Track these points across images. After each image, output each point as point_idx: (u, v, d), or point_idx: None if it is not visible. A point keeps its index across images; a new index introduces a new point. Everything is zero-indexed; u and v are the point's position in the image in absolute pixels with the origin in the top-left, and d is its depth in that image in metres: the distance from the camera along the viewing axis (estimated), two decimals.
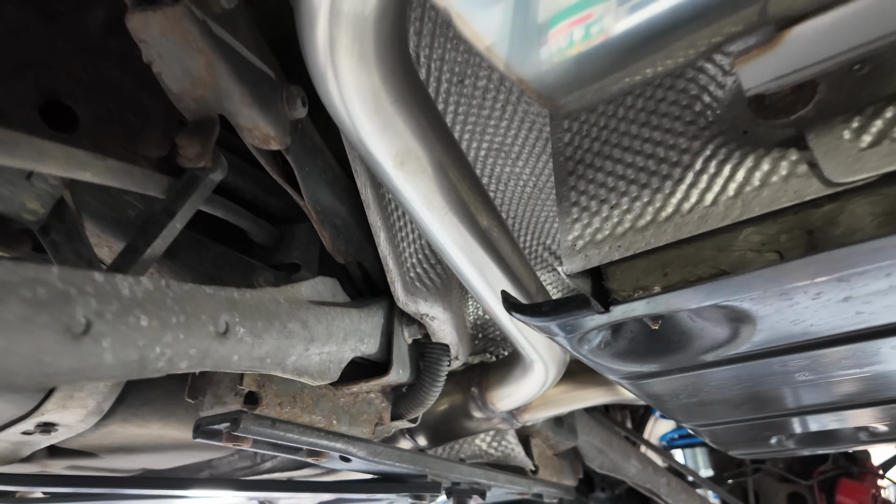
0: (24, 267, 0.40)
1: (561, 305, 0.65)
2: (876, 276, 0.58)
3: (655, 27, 0.42)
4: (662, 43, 0.43)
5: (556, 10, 0.38)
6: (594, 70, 0.44)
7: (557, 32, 0.39)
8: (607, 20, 0.39)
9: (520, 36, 0.38)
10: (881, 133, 0.56)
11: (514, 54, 0.38)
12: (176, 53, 0.56)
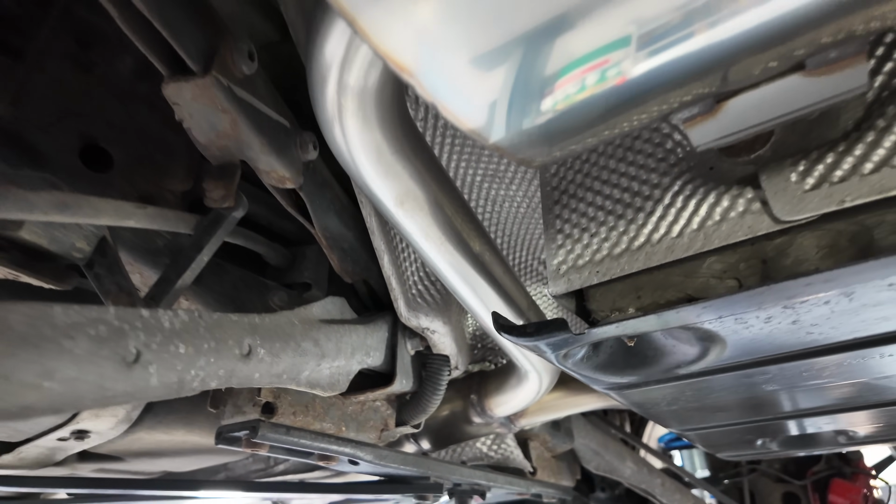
0: (88, 309, 0.48)
1: (543, 327, 0.73)
2: (815, 303, 0.65)
3: (626, 95, 0.49)
4: (637, 103, 0.50)
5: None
6: (571, 130, 0.51)
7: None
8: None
9: (505, 114, 0.45)
10: (822, 177, 0.63)
11: (496, 133, 0.46)
12: (204, 113, 0.64)
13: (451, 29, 0.37)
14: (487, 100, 0.43)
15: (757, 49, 0.43)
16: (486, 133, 0.47)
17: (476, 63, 0.39)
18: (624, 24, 0.39)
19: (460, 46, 0.38)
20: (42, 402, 0.43)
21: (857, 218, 0.64)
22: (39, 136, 0.78)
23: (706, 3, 0.39)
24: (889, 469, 2.59)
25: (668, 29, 0.41)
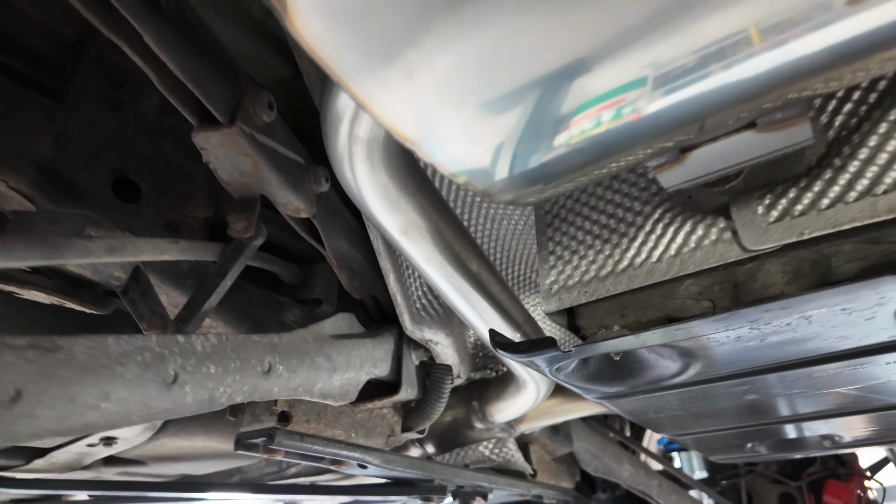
0: (135, 339, 0.55)
1: (534, 345, 0.79)
2: (778, 325, 0.71)
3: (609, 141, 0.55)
4: (613, 151, 0.56)
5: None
6: (542, 181, 0.58)
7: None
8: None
9: (490, 172, 0.52)
10: (784, 211, 0.70)
11: (484, 185, 0.53)
12: (229, 157, 0.71)
13: (445, 110, 0.44)
14: (476, 164, 0.50)
15: (713, 112, 0.50)
16: (477, 185, 0.54)
17: (466, 137, 0.46)
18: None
19: (453, 124, 0.45)
20: (100, 420, 0.51)
21: (817, 247, 0.70)
22: (77, 172, 0.85)
23: (664, 80, 0.46)
24: (884, 470, 2.63)
25: (636, 98, 0.48)
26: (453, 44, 0.39)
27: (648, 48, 0.40)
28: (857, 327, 0.71)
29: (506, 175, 0.53)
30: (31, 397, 0.45)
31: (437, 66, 0.40)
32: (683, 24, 0.39)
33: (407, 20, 0.37)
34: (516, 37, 0.38)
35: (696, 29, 0.39)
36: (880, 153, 0.66)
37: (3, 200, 0.81)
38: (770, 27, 0.41)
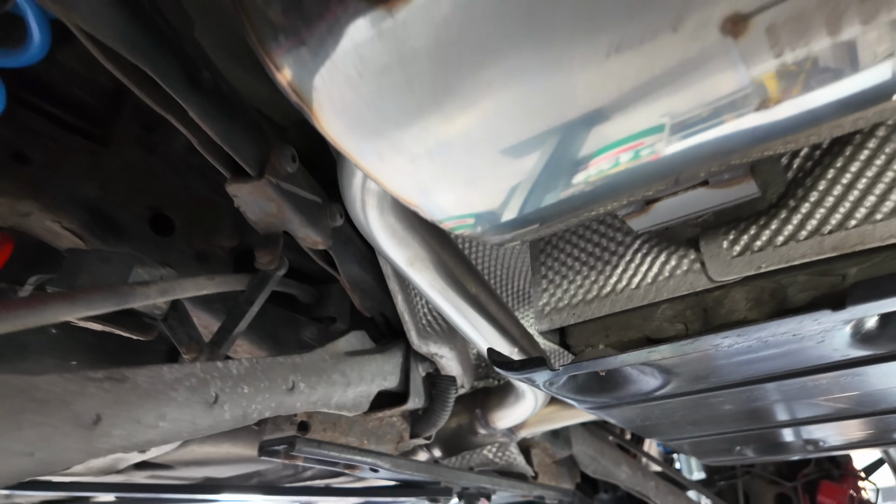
0: (183, 367, 0.65)
1: (526, 364, 0.89)
2: (739, 348, 0.80)
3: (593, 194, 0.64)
4: (579, 212, 0.65)
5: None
6: (523, 226, 0.67)
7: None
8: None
9: (479, 227, 0.61)
10: (745, 246, 0.79)
11: (474, 234, 0.62)
12: (257, 203, 0.81)
13: (439, 184, 0.53)
14: (469, 222, 0.59)
15: (673, 173, 0.59)
16: (470, 235, 0.63)
17: (459, 205, 0.55)
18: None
19: (449, 194, 0.54)
20: (158, 437, 0.60)
21: (775, 277, 0.79)
22: (119, 211, 0.96)
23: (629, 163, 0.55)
24: (879, 471, 2.70)
25: (606, 168, 0.57)
26: (440, 136, 0.48)
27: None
28: (811, 349, 0.80)
29: (486, 229, 0.62)
30: (108, 420, 0.54)
31: (430, 153, 0.49)
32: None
33: (405, 124, 0.46)
34: (492, 132, 0.47)
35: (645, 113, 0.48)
36: (827, 197, 0.74)
37: (57, 238, 0.91)
38: (710, 112, 0.50)
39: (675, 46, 0.38)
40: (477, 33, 0.39)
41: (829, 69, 0.39)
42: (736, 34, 0.37)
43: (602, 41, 0.38)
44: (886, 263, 0.71)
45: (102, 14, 0.52)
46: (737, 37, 0.37)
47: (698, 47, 0.38)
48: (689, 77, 0.40)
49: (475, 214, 0.57)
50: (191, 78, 0.63)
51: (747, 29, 0.36)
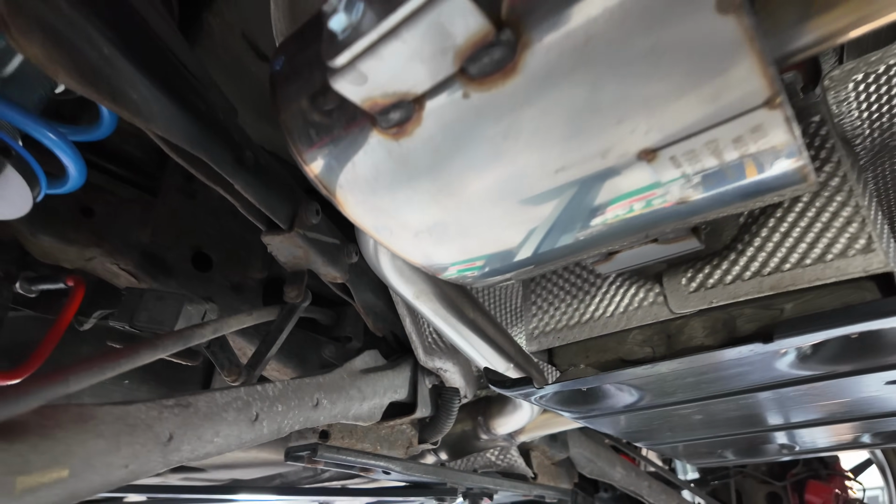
0: (231, 391, 0.79)
1: (517, 383, 1.02)
2: (692, 371, 0.92)
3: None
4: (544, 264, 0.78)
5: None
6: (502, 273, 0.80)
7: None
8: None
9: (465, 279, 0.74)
10: (700, 283, 0.91)
11: (472, 282, 0.76)
12: (287, 249, 0.95)
13: (438, 251, 0.66)
14: (458, 277, 0.72)
15: (622, 239, 0.71)
16: (462, 283, 0.76)
17: (450, 266, 0.68)
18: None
19: (443, 258, 0.67)
20: (214, 450, 0.74)
21: (726, 310, 0.91)
22: (166, 252, 1.10)
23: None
24: (867, 472, 2.79)
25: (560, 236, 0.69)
26: (436, 219, 0.61)
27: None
28: (758, 372, 0.92)
29: (472, 280, 0.75)
30: (178, 438, 0.68)
31: (429, 231, 0.63)
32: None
33: (409, 212, 0.60)
34: (476, 219, 0.60)
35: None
36: (767, 243, 0.87)
37: (115, 278, 1.05)
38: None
39: (604, 167, 0.51)
40: (459, 159, 0.52)
41: (722, 177, 0.52)
42: (649, 160, 0.49)
43: (551, 164, 0.51)
44: (814, 302, 0.83)
45: (173, 121, 0.66)
46: (650, 162, 0.50)
47: (623, 168, 0.51)
48: (616, 184, 0.53)
49: (463, 272, 0.70)
50: (237, 159, 0.77)
51: (656, 157, 0.49)
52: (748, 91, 0.42)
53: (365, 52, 0.45)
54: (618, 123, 0.46)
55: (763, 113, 0.44)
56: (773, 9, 0.48)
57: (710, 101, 0.43)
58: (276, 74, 0.62)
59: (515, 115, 0.48)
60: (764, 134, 0.46)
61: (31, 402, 0.46)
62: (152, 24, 0.64)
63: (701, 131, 0.46)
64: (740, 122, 0.45)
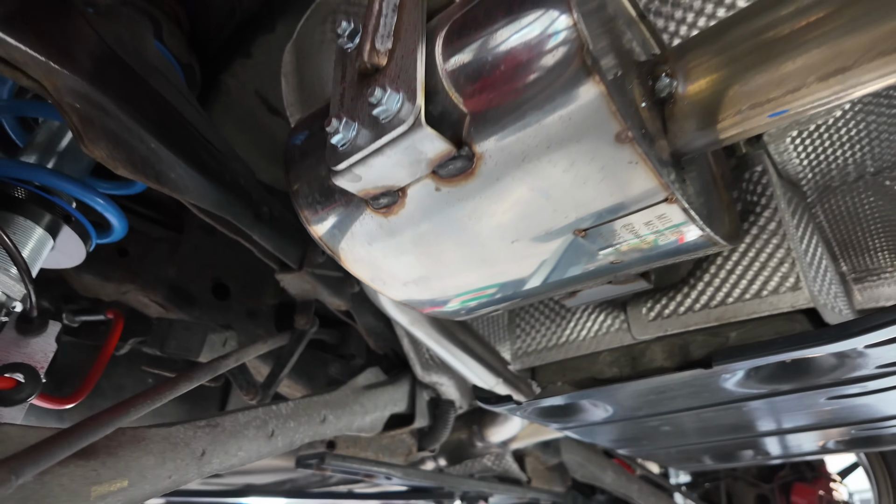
0: (251, 412, 0.93)
1: (500, 399, 1.15)
2: (649, 390, 1.05)
3: None
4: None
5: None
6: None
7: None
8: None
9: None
10: (658, 313, 1.04)
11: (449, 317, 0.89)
12: (298, 284, 1.09)
13: (423, 295, 0.80)
14: (443, 313, 0.86)
15: (575, 285, 0.84)
16: (440, 317, 0.90)
17: (434, 306, 0.82)
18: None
19: (427, 300, 0.81)
20: (237, 462, 0.88)
21: (681, 336, 1.04)
22: (190, 284, 1.24)
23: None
24: (853, 474, 2.89)
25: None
26: (419, 273, 0.75)
27: None
28: (711, 390, 1.05)
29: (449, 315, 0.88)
30: (209, 453, 0.82)
31: (415, 282, 0.76)
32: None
33: (398, 267, 0.73)
34: (452, 277, 0.74)
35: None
36: (715, 279, 0.99)
37: (146, 308, 1.20)
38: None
39: (548, 240, 0.64)
40: (435, 232, 0.66)
41: (642, 247, 0.65)
42: (582, 236, 0.63)
43: (507, 237, 0.65)
44: (754, 331, 0.95)
45: (203, 192, 0.80)
46: (583, 237, 0.63)
47: (563, 240, 0.64)
48: (559, 251, 0.66)
49: (440, 312, 0.84)
50: (255, 215, 0.91)
51: (587, 235, 0.62)
52: (648, 192, 0.55)
53: (359, 162, 0.58)
54: (553, 212, 0.60)
55: (664, 206, 0.57)
56: (679, 124, 0.61)
57: (621, 199, 0.57)
58: (289, 152, 0.76)
59: (476, 203, 0.61)
60: (669, 220, 0.59)
61: (106, 430, 0.60)
62: (187, 116, 0.78)
63: (618, 218, 0.59)
64: (648, 212, 0.58)
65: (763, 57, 0.53)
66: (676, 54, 0.60)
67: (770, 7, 0.53)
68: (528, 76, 0.52)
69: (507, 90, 0.54)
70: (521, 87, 0.53)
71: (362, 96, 0.59)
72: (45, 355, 0.76)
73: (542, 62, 0.51)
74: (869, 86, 0.50)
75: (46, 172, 0.78)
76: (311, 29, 0.93)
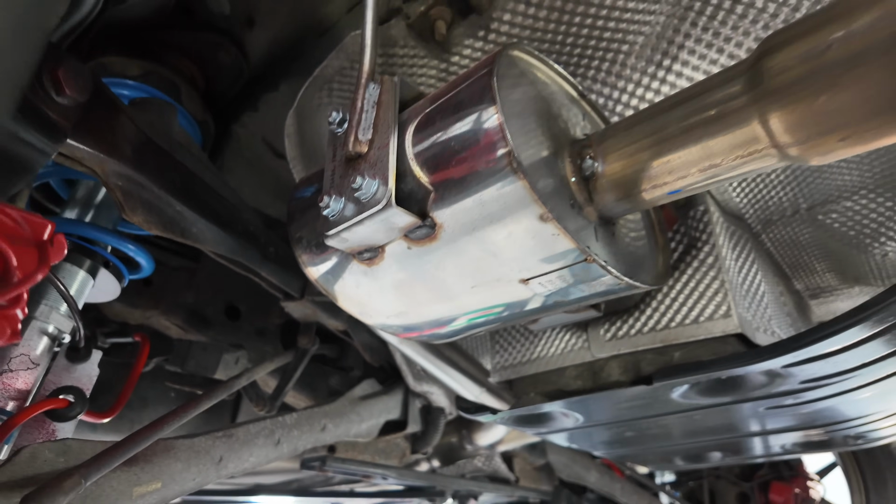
0: (261, 423, 1.08)
1: (479, 409, 1.29)
2: (609, 403, 1.19)
3: None
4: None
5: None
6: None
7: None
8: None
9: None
10: (613, 335, 1.18)
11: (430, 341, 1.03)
12: (300, 310, 1.23)
13: (400, 325, 0.94)
14: (420, 337, 1.00)
15: (532, 316, 0.99)
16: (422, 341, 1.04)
17: (417, 335, 0.96)
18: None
19: (405, 329, 0.95)
20: (249, 468, 1.03)
21: (634, 354, 1.18)
22: (206, 308, 1.39)
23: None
24: (831, 474, 3.02)
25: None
26: (398, 309, 0.89)
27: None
28: (660, 403, 1.19)
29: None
30: (226, 459, 0.97)
31: (397, 315, 0.90)
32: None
33: (381, 304, 0.88)
34: (427, 313, 0.88)
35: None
36: (661, 305, 1.13)
37: (167, 330, 1.35)
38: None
39: (499, 286, 0.78)
40: (409, 278, 0.80)
41: (578, 291, 0.79)
42: (525, 283, 0.77)
43: (468, 283, 0.79)
44: (694, 352, 1.09)
45: (219, 241, 0.95)
46: (526, 284, 0.77)
47: (511, 286, 0.78)
48: (510, 293, 0.81)
49: (417, 338, 0.98)
50: (263, 255, 1.06)
51: (529, 283, 0.76)
52: (571, 255, 0.69)
53: (345, 229, 0.73)
54: (501, 266, 0.74)
55: (585, 263, 0.71)
56: (601, 195, 0.75)
57: (551, 259, 0.71)
58: (292, 205, 0.91)
59: (440, 258, 0.76)
60: (591, 273, 0.73)
61: (148, 442, 0.75)
62: (205, 179, 0.92)
63: (551, 272, 0.73)
64: (574, 267, 0.72)
65: (658, 151, 0.67)
66: (598, 140, 0.74)
67: (664, 111, 0.68)
68: (473, 165, 0.66)
69: (458, 174, 0.68)
70: (468, 173, 0.67)
71: (348, 177, 0.73)
72: (90, 379, 0.91)
73: (481, 156, 0.66)
74: (736, 177, 0.65)
75: (89, 227, 0.93)
76: (310, 96, 1.08)
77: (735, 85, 0.59)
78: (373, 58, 0.78)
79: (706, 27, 0.89)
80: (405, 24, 0.95)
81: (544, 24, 0.92)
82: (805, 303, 1.68)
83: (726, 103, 0.60)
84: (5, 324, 0.48)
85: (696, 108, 0.63)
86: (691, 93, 0.65)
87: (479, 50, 0.99)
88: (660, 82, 0.96)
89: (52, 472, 0.68)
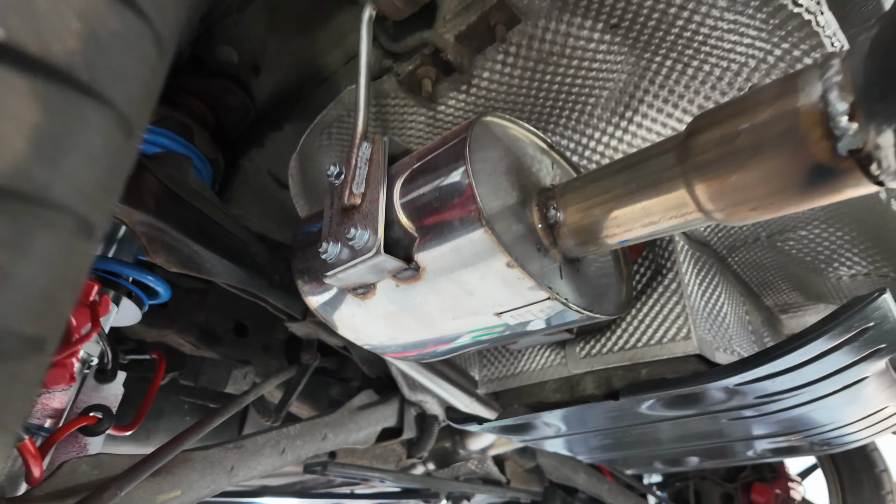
0: (269, 434, 1.18)
1: (467, 419, 1.39)
2: (583, 415, 1.29)
3: None
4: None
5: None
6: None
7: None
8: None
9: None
10: (587, 353, 1.28)
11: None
12: (303, 329, 1.34)
13: (390, 348, 1.04)
14: (409, 358, 1.10)
15: (510, 339, 1.09)
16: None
17: (409, 355, 1.06)
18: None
19: (395, 351, 1.05)
20: (257, 475, 1.13)
21: (605, 370, 1.28)
22: (216, 326, 1.49)
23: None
24: (813, 475, 3.11)
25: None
26: (390, 335, 0.99)
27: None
28: (630, 415, 1.29)
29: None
30: (237, 467, 1.07)
31: (390, 340, 1.01)
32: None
33: (375, 330, 0.98)
34: (417, 338, 0.98)
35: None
36: (630, 326, 1.23)
37: (181, 347, 1.45)
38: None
39: (477, 317, 0.89)
40: (398, 311, 0.90)
41: (547, 323, 0.89)
42: (499, 316, 0.87)
43: (449, 314, 0.89)
44: (659, 370, 1.19)
45: (230, 274, 1.05)
46: (499, 316, 0.87)
47: (487, 318, 0.88)
48: (486, 324, 0.91)
49: (406, 358, 1.08)
50: (269, 283, 1.16)
51: (502, 316, 0.87)
52: (536, 295, 0.79)
53: (341, 272, 0.83)
54: (477, 302, 0.84)
55: (550, 301, 0.81)
56: (564, 241, 0.85)
57: (519, 297, 0.81)
58: (296, 240, 1.01)
59: (424, 295, 0.86)
60: (555, 308, 0.83)
61: (172, 455, 0.85)
62: (217, 220, 1.03)
63: (521, 307, 0.83)
64: (540, 304, 0.82)
65: (608, 208, 0.77)
66: (560, 193, 0.84)
67: (613, 173, 0.78)
68: (449, 217, 0.77)
69: (438, 225, 0.78)
70: (446, 225, 0.77)
71: (344, 226, 0.84)
72: (116, 397, 1.01)
73: (455, 210, 0.76)
74: (673, 229, 0.75)
75: (114, 262, 1.04)
76: (311, 140, 1.18)
77: (669, 157, 0.69)
78: (365, 119, 0.88)
79: (662, 85, 0.99)
80: (396, 80, 1.05)
81: (519, 80, 1.02)
82: (775, 318, 1.77)
83: (661, 172, 0.70)
84: (65, 372, 0.58)
85: (637, 174, 0.73)
86: (634, 160, 0.75)
87: (462, 101, 1.09)
88: (622, 132, 1.07)
89: (89, 483, 0.78)
